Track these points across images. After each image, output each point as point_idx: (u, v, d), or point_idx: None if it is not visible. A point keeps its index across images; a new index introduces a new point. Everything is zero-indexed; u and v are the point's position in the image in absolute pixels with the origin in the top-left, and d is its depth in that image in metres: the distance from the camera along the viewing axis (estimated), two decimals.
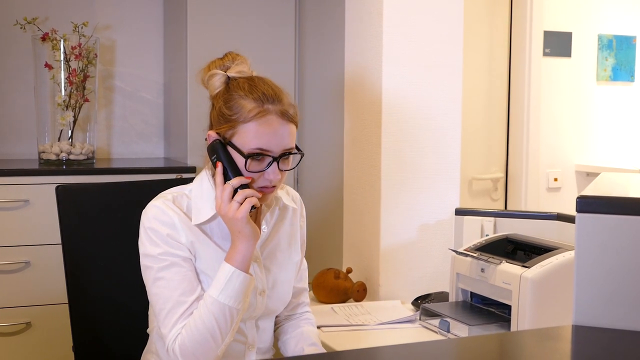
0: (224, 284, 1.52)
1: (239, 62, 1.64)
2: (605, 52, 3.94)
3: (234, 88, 1.58)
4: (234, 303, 1.52)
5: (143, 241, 1.59)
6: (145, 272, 1.59)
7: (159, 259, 1.56)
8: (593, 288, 1.19)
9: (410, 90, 2.42)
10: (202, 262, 1.59)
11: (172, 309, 1.53)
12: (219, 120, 1.58)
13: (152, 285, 1.57)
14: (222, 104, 1.57)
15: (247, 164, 1.54)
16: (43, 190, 2.79)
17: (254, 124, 1.53)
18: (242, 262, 1.53)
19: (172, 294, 1.54)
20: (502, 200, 3.67)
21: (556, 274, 1.86)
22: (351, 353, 1.35)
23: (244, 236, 1.53)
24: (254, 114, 1.53)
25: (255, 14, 3.27)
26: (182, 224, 1.57)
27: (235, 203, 1.52)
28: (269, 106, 1.54)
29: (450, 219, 2.48)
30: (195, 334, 1.51)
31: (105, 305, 1.90)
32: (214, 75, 1.62)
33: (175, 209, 1.58)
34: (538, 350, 1.13)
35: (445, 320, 2.01)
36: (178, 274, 1.55)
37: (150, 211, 1.59)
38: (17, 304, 2.77)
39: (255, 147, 1.53)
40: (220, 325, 1.51)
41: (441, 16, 2.45)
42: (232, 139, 1.55)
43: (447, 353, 1.14)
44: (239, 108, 1.55)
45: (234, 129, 1.55)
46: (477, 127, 3.53)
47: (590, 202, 1.20)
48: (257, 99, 1.54)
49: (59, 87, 3.06)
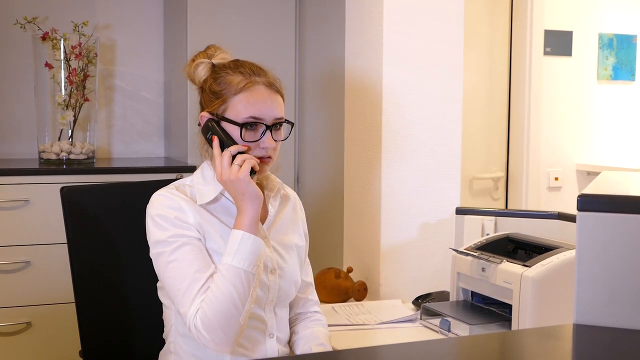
0: (236, 249, 1.55)
1: (222, 51, 1.73)
2: (605, 51, 3.94)
3: (221, 67, 1.68)
4: (248, 266, 1.55)
5: (151, 230, 1.61)
6: (158, 260, 1.59)
7: (169, 242, 1.57)
8: (594, 287, 1.18)
9: (411, 89, 2.42)
10: (212, 242, 1.61)
11: (189, 286, 1.54)
12: (210, 99, 1.66)
13: (166, 270, 1.57)
14: (211, 82, 1.66)
15: (243, 133, 1.61)
16: (43, 190, 2.79)
17: (244, 94, 1.62)
18: (250, 225, 1.57)
19: (187, 272, 1.55)
20: (502, 199, 3.67)
21: (557, 273, 1.85)
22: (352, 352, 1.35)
23: (247, 197, 1.57)
24: (243, 85, 1.62)
25: (256, 14, 3.27)
26: (188, 206, 1.61)
27: (235, 166, 1.58)
28: (256, 78, 1.64)
29: (451, 218, 2.48)
30: (216, 304, 1.52)
31: (113, 307, 1.89)
32: (199, 64, 1.70)
33: (179, 194, 1.63)
34: (539, 349, 1.13)
35: (446, 319, 2.01)
36: (190, 252, 1.57)
37: (156, 199, 1.63)
38: (17, 303, 2.77)
39: (248, 115, 1.61)
40: (238, 290, 1.53)
41: (441, 15, 2.45)
42: (224, 113, 1.63)
43: (448, 352, 1.14)
44: (227, 83, 1.64)
45: (225, 103, 1.63)
46: (477, 127, 3.53)
47: (591, 200, 1.20)
48: (244, 73, 1.64)
49: (59, 87, 3.06)
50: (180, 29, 3.22)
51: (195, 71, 1.70)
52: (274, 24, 3.30)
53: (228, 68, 1.66)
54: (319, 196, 3.13)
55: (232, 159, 1.59)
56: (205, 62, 1.69)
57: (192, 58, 1.72)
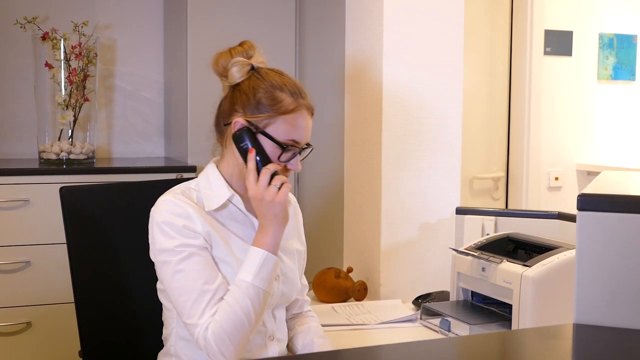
0: (258, 268, 1.54)
1: (257, 52, 1.69)
2: (606, 51, 3.94)
3: (268, 78, 1.63)
4: (267, 286, 1.56)
5: (157, 237, 1.58)
6: (163, 268, 1.57)
7: (177, 251, 1.55)
8: (594, 286, 1.18)
9: (411, 89, 2.42)
10: (218, 249, 1.60)
11: (198, 298, 1.53)
12: (252, 109, 1.61)
13: (172, 279, 1.55)
14: (262, 94, 1.60)
15: (281, 154, 1.60)
16: (43, 190, 2.79)
17: (291, 117, 1.60)
18: (274, 247, 1.57)
19: (195, 284, 1.53)
20: (503, 199, 3.67)
21: (557, 273, 1.85)
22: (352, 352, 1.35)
23: (278, 220, 1.57)
24: (293, 108, 1.60)
25: (256, 14, 3.27)
26: (196, 213, 1.58)
27: (274, 187, 1.56)
28: (301, 100, 1.62)
29: (451, 218, 2.48)
30: (233, 319, 1.52)
31: (113, 307, 1.89)
32: (237, 63, 1.64)
33: (186, 200, 1.59)
34: (539, 349, 1.13)
35: (446, 319, 2.01)
36: (198, 263, 1.55)
37: (162, 205, 1.59)
38: (17, 303, 2.77)
39: (290, 138, 1.60)
40: (255, 308, 1.54)
41: (442, 15, 2.45)
42: (266, 128, 1.59)
43: (448, 352, 1.14)
44: (278, 100, 1.60)
45: (271, 119, 1.59)
46: (477, 126, 3.53)
47: (591, 200, 1.20)
48: (293, 93, 1.62)
49: (59, 87, 3.06)
50: (181, 29, 3.22)
51: (232, 68, 1.64)
52: (274, 24, 3.30)
53: (275, 81, 1.62)
54: (319, 196, 3.13)
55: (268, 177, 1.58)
56: (244, 62, 1.65)
57: (229, 51, 1.67)
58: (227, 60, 1.65)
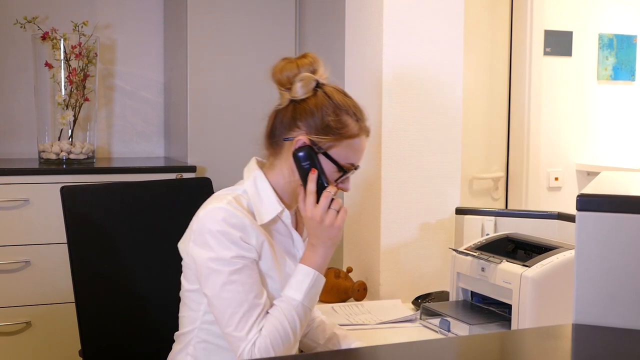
0: (308, 288, 1.57)
1: (320, 66, 1.66)
2: (605, 52, 3.94)
3: (335, 99, 1.61)
4: (313, 306, 1.60)
5: (210, 245, 1.54)
6: (212, 276, 1.54)
7: (232, 262, 1.53)
8: (593, 286, 1.18)
9: (411, 89, 2.42)
10: (265, 263, 1.60)
11: (248, 312, 1.53)
12: (323, 130, 1.60)
13: (222, 289, 1.53)
14: (331, 117, 1.60)
15: (340, 177, 1.61)
16: (43, 190, 2.79)
17: (355, 142, 1.62)
18: (323, 268, 1.60)
19: (246, 297, 1.53)
20: (502, 199, 3.67)
21: (557, 273, 1.85)
22: (352, 352, 1.35)
23: (333, 243, 1.60)
24: (356, 133, 1.62)
25: (256, 14, 3.27)
26: (251, 225, 1.57)
27: (333, 211, 1.58)
28: (363, 125, 1.64)
29: (450, 218, 2.48)
30: (282, 335, 1.53)
31: (113, 306, 1.89)
32: (304, 79, 1.61)
33: (242, 210, 1.58)
34: (538, 349, 1.13)
35: (446, 319, 2.01)
36: (250, 277, 1.55)
37: (218, 214, 1.56)
38: (17, 303, 2.77)
39: (351, 162, 1.63)
40: (302, 324, 1.57)
41: (442, 16, 2.45)
42: (330, 150, 1.60)
43: (448, 351, 1.14)
44: (345, 125, 1.60)
45: (336, 142, 1.60)
46: (477, 127, 3.53)
47: (591, 200, 1.20)
48: (357, 118, 1.63)
49: (59, 87, 3.06)
50: (181, 29, 3.22)
51: (298, 83, 1.61)
52: (274, 24, 3.30)
53: (341, 103, 1.61)
54: None
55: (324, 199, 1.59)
56: (310, 79, 1.61)
57: (295, 62, 1.63)
58: (293, 73, 1.62)
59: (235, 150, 3.25)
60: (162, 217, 2.02)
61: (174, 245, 2.00)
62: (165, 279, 1.97)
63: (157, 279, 1.96)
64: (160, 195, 2.05)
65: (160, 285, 1.96)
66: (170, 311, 1.92)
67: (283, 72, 1.63)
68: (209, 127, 3.21)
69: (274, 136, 1.65)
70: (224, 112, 3.24)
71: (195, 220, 1.60)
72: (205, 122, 3.20)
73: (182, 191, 2.10)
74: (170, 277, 1.96)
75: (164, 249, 1.99)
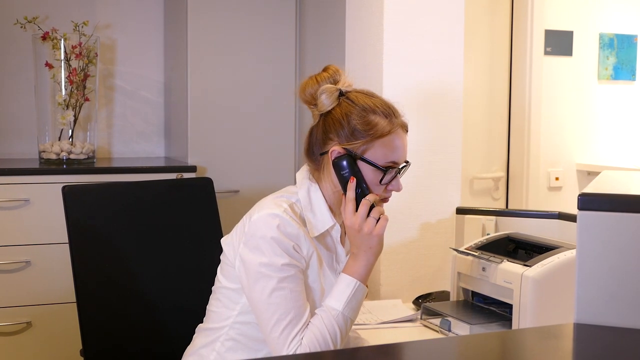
0: (349, 298, 1.56)
1: (343, 75, 1.67)
2: (606, 51, 3.94)
3: (359, 103, 1.61)
4: (354, 315, 1.59)
5: (264, 250, 1.54)
6: (261, 280, 1.54)
7: (283, 269, 1.54)
8: (594, 285, 1.18)
9: (411, 89, 2.41)
10: (311, 275, 1.60)
11: (292, 321, 1.53)
12: (353, 136, 1.59)
13: (271, 295, 1.53)
14: (357, 120, 1.58)
15: (384, 177, 1.59)
16: (43, 190, 2.79)
17: (388, 139, 1.59)
18: (365, 276, 1.59)
19: (294, 305, 1.53)
20: (503, 199, 3.67)
21: (557, 272, 1.85)
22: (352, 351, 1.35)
23: (373, 252, 1.59)
24: (389, 130, 1.59)
25: (256, 13, 3.27)
26: (304, 236, 1.58)
27: (372, 219, 1.58)
28: (395, 120, 1.61)
29: (451, 218, 2.48)
30: (322, 344, 1.53)
31: (114, 306, 1.89)
32: (326, 91, 1.62)
33: (296, 219, 1.58)
34: (540, 348, 1.13)
35: (447, 319, 2.01)
36: (299, 285, 1.55)
37: (272, 221, 1.55)
38: (17, 303, 2.77)
39: (390, 160, 1.60)
40: (342, 336, 1.56)
41: (442, 15, 2.45)
42: (364, 154, 1.58)
43: (449, 351, 1.14)
44: (373, 124, 1.58)
45: (368, 144, 1.58)
46: (478, 126, 3.53)
47: (592, 199, 1.20)
48: (387, 114, 1.60)
49: (59, 87, 3.06)
50: (181, 29, 3.22)
51: (322, 96, 1.61)
52: (274, 23, 3.30)
53: (367, 105, 1.60)
54: None
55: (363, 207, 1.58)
56: (332, 88, 1.62)
57: (315, 79, 1.65)
58: (314, 88, 1.63)
59: (235, 150, 3.25)
60: (162, 217, 2.02)
61: (174, 245, 2.00)
62: (166, 278, 1.97)
63: (158, 279, 1.96)
64: (160, 195, 2.05)
65: (161, 285, 1.96)
66: (171, 310, 1.93)
67: (306, 90, 1.64)
68: (209, 127, 3.21)
69: (312, 153, 1.65)
70: (224, 111, 3.24)
71: (249, 223, 1.59)
72: (205, 122, 3.20)
73: (183, 191, 2.10)
74: (170, 277, 1.97)
75: (165, 249, 1.99)
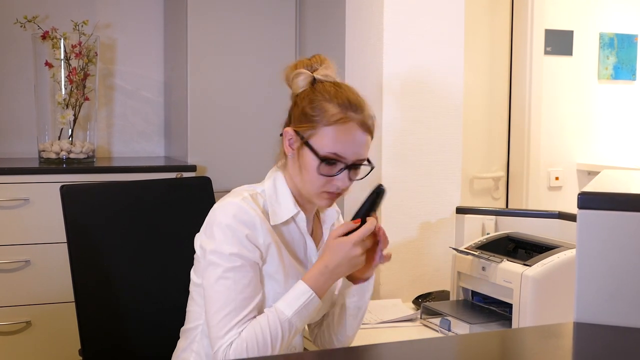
0: (301, 307, 1.53)
1: (326, 65, 1.65)
2: (606, 51, 3.94)
3: (320, 90, 1.59)
4: (301, 326, 1.56)
5: (216, 237, 1.55)
6: (210, 268, 1.55)
7: (230, 258, 1.53)
8: (594, 284, 1.18)
9: (411, 89, 2.41)
10: (271, 265, 1.58)
11: (232, 312, 1.51)
12: (300, 119, 1.58)
13: (215, 283, 1.53)
14: (307, 103, 1.58)
15: (319, 167, 1.55)
16: (43, 189, 2.78)
17: (334, 129, 1.55)
18: (322, 290, 1.55)
19: (235, 297, 1.52)
20: (503, 199, 3.67)
21: (557, 272, 1.85)
22: (352, 351, 1.35)
23: (340, 272, 1.55)
24: (336, 119, 1.55)
25: (256, 13, 3.27)
26: (261, 224, 1.56)
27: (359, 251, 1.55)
28: (352, 114, 1.56)
29: (451, 218, 2.48)
30: (260, 344, 1.51)
31: (113, 305, 1.89)
32: (299, 74, 1.62)
33: (255, 208, 1.57)
34: (539, 347, 1.13)
35: (446, 318, 2.01)
36: (245, 277, 1.53)
37: (230, 209, 1.56)
38: (17, 303, 2.77)
39: (331, 151, 1.55)
40: (283, 341, 1.53)
41: (442, 15, 2.45)
42: (310, 139, 1.56)
43: (449, 350, 1.13)
44: (322, 110, 1.56)
45: (314, 129, 1.56)
46: (478, 126, 3.53)
47: (592, 198, 1.20)
48: (341, 105, 1.56)
49: (59, 86, 3.06)
50: (181, 28, 3.22)
51: (294, 79, 1.62)
52: (274, 23, 3.30)
53: (327, 93, 1.58)
54: None
55: None
56: (306, 74, 1.62)
57: (295, 64, 1.65)
58: (291, 72, 1.64)
59: (235, 149, 3.25)
60: (162, 216, 2.02)
61: (174, 244, 2.00)
62: (165, 278, 1.96)
63: (158, 278, 1.96)
64: (160, 195, 2.05)
65: (160, 285, 1.96)
66: (170, 310, 1.92)
67: (286, 73, 1.65)
68: (209, 127, 3.21)
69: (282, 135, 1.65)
70: (224, 111, 3.23)
71: (210, 213, 1.61)
72: (205, 122, 3.20)
73: (182, 190, 2.10)
74: (170, 276, 1.96)
75: (164, 248, 1.99)
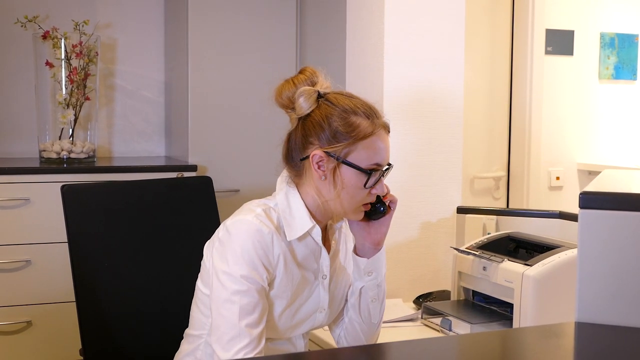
0: None
1: (320, 77, 1.61)
2: (607, 51, 3.93)
3: (338, 104, 1.56)
4: None
5: (226, 256, 1.52)
6: (219, 287, 1.52)
7: (239, 281, 1.50)
8: (596, 284, 1.18)
9: (412, 89, 2.41)
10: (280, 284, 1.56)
11: (236, 337, 1.49)
12: (332, 139, 1.54)
13: (221, 305, 1.51)
14: (338, 122, 1.53)
15: (368, 180, 1.55)
16: (44, 189, 2.78)
17: (371, 141, 1.54)
18: None
19: (240, 322, 1.49)
20: (504, 198, 3.66)
21: (558, 272, 1.85)
22: (352, 351, 1.35)
23: None
24: (370, 131, 1.54)
25: (257, 13, 3.27)
26: (276, 243, 1.54)
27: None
28: (377, 121, 1.56)
29: (452, 218, 2.48)
30: None
31: (114, 305, 1.89)
32: (305, 93, 1.56)
33: (269, 224, 1.54)
34: (541, 347, 1.13)
35: (447, 318, 2.01)
36: (250, 303, 1.51)
37: (244, 227, 1.53)
38: (17, 302, 2.77)
39: (374, 163, 1.55)
40: None
41: (442, 15, 2.44)
42: (347, 157, 1.54)
43: (450, 350, 1.13)
44: (355, 126, 1.53)
45: (351, 146, 1.53)
46: (479, 126, 3.53)
47: (593, 198, 1.20)
48: (368, 115, 1.55)
49: (59, 86, 3.06)
50: (181, 28, 3.22)
51: (299, 99, 1.56)
52: (275, 23, 3.30)
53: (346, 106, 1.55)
54: None
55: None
56: (310, 91, 1.56)
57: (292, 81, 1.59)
58: (292, 91, 1.57)
59: (236, 149, 3.25)
60: (162, 216, 2.02)
61: (175, 244, 2.00)
62: (165, 278, 1.96)
63: (158, 278, 1.95)
64: (161, 195, 2.05)
65: (161, 285, 1.95)
66: (170, 310, 1.92)
67: (282, 93, 1.59)
68: (209, 127, 3.21)
69: (292, 159, 1.60)
70: (224, 111, 3.23)
71: (222, 228, 1.57)
72: (206, 121, 3.20)
73: (183, 190, 2.10)
74: (170, 276, 1.96)
75: (165, 248, 1.99)
